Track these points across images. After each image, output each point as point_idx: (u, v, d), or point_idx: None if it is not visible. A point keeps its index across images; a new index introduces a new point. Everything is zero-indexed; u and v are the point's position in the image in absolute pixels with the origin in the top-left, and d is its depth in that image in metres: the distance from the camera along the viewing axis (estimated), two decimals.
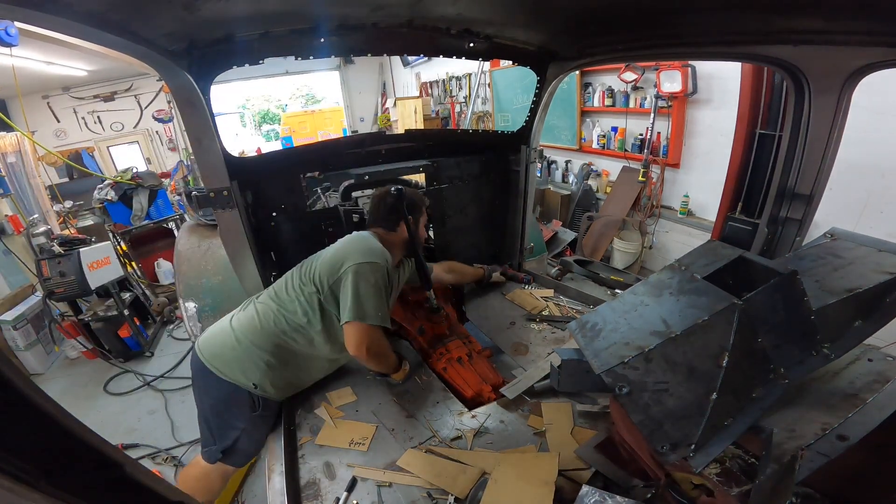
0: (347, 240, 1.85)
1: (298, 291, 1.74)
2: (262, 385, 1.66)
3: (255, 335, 1.68)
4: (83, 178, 6.80)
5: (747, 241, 2.05)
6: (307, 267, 1.80)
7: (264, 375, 1.66)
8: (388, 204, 1.92)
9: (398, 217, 1.92)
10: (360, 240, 1.82)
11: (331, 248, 1.82)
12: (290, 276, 1.82)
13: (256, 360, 1.66)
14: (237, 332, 1.70)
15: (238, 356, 1.66)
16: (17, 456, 0.39)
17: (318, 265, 1.76)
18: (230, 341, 1.68)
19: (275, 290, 1.81)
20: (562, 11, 1.87)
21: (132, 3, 1.28)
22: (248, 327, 1.71)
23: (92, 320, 3.83)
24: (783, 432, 0.94)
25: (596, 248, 4.75)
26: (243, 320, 1.74)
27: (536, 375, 1.78)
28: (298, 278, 1.78)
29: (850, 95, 1.52)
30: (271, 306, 1.74)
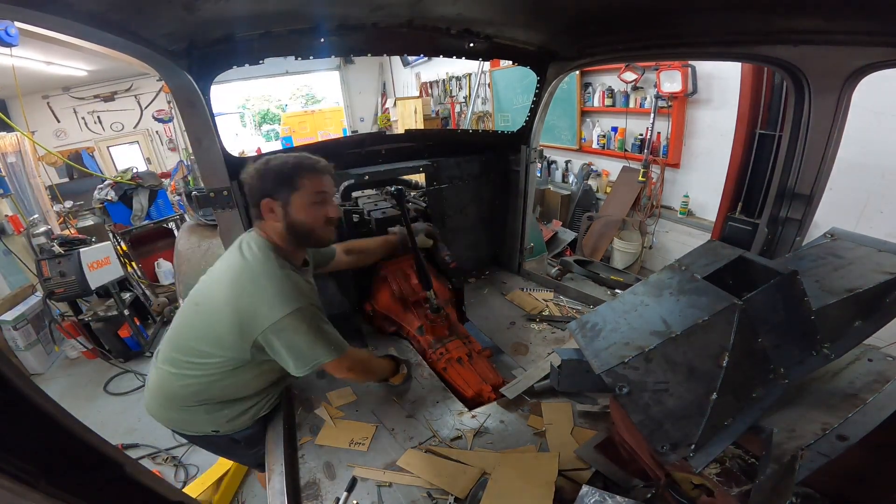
0: (232, 279, 1.36)
1: (192, 359, 1.42)
2: (223, 428, 1.53)
3: (173, 401, 1.49)
4: (83, 178, 6.80)
5: (747, 241, 2.05)
6: (189, 327, 1.44)
7: (216, 420, 1.51)
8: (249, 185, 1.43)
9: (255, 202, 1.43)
10: (250, 275, 1.34)
11: (217, 300, 1.36)
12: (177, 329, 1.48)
13: (195, 415, 1.49)
14: (160, 399, 1.52)
15: (181, 416, 1.51)
16: (17, 456, 0.39)
17: (209, 328, 1.37)
18: (164, 403, 1.52)
19: (167, 351, 1.48)
20: (562, 11, 1.87)
21: (132, 3, 1.28)
22: (163, 396, 1.51)
23: (92, 320, 3.83)
24: (783, 432, 0.94)
25: (596, 248, 4.75)
26: (152, 387, 1.53)
27: (536, 375, 1.78)
28: (186, 341, 1.44)
29: (850, 95, 1.52)
30: (170, 371, 1.46)
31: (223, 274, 1.40)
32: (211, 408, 1.49)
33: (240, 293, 1.32)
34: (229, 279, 1.36)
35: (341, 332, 1.56)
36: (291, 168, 1.41)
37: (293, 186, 1.40)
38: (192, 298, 1.45)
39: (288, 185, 1.40)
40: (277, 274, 1.35)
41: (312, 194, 1.42)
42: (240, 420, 1.56)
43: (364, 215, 2.66)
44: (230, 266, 1.40)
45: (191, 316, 1.43)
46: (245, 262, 1.37)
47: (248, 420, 1.57)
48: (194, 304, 1.43)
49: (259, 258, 1.37)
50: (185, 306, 1.47)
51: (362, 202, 2.93)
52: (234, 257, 1.40)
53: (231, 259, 1.41)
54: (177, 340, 1.45)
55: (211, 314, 1.37)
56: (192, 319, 1.43)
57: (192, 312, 1.43)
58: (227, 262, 1.43)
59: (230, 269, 1.39)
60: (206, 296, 1.41)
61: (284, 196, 1.40)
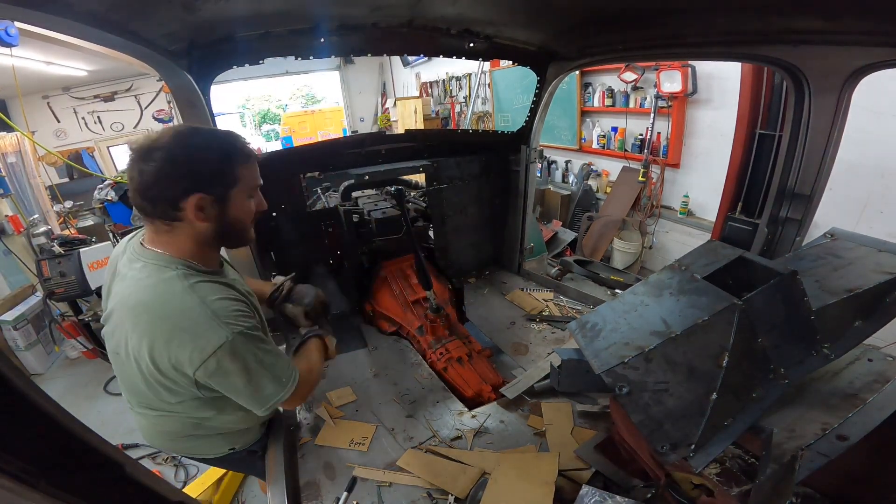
0: (135, 324, 1.03)
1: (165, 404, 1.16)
2: (238, 444, 1.41)
3: (178, 435, 1.30)
4: (83, 178, 6.80)
5: (747, 241, 2.05)
6: (129, 379, 1.13)
7: (230, 439, 1.38)
8: (157, 171, 0.99)
9: (175, 197, 1.03)
10: (155, 315, 1.03)
11: (132, 350, 1.05)
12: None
13: (206, 440, 1.34)
14: (163, 437, 1.33)
15: (193, 444, 1.34)
16: (17, 456, 0.39)
17: (148, 379, 1.08)
18: (170, 438, 1.33)
19: (133, 399, 1.24)
20: (562, 11, 1.87)
21: (132, 4, 1.28)
22: (165, 435, 1.32)
23: (92, 320, 3.82)
24: (783, 432, 0.94)
25: (596, 248, 4.75)
26: (148, 430, 1.33)
27: (536, 375, 1.78)
28: (140, 394, 1.17)
29: (850, 95, 1.52)
30: (156, 415, 1.23)
31: (124, 317, 1.07)
32: (220, 430, 1.33)
33: (147, 339, 1.02)
34: (131, 324, 1.05)
35: (341, 332, 1.40)
36: (225, 155, 1.08)
37: (232, 179, 1.09)
38: (111, 348, 1.15)
39: (224, 178, 1.08)
40: (187, 304, 1.03)
41: (250, 188, 1.14)
42: (251, 433, 1.44)
43: (364, 215, 2.66)
44: (127, 303, 1.06)
45: (122, 366, 1.13)
46: (143, 299, 1.04)
47: (258, 429, 1.47)
48: (115, 354, 1.14)
49: (160, 288, 1.04)
50: (111, 356, 1.17)
51: (362, 202, 2.93)
52: (128, 290, 1.07)
53: (126, 292, 1.08)
54: (133, 392, 1.20)
55: (136, 365, 1.07)
56: (126, 370, 1.12)
57: (120, 364, 1.13)
58: (123, 297, 1.08)
59: (129, 308, 1.06)
60: (119, 344, 1.09)
61: (220, 191, 1.07)
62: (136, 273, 1.08)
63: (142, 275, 1.07)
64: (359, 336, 2.34)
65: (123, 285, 1.09)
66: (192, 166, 1.03)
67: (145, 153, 1.00)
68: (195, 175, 1.03)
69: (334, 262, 2.54)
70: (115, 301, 1.11)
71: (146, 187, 1.01)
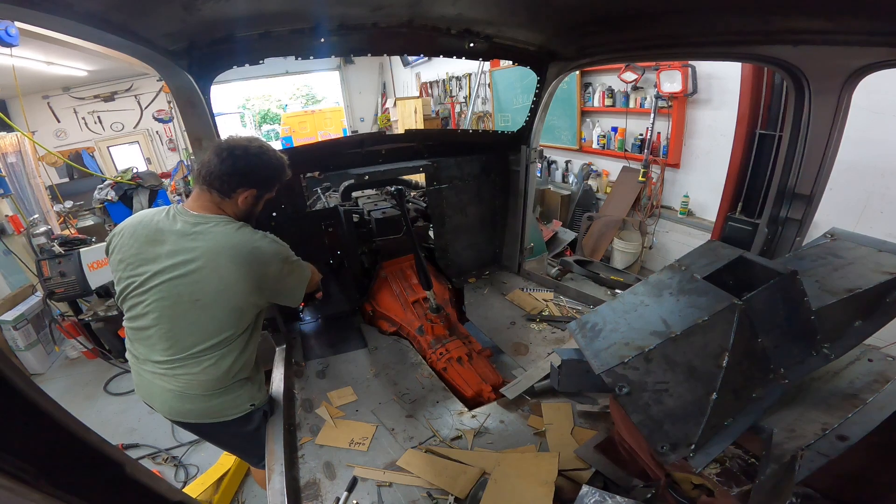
0: (232, 256, 1.38)
1: (213, 344, 1.42)
2: (257, 399, 1.59)
3: (208, 389, 1.47)
4: (83, 178, 6.80)
5: (747, 241, 2.05)
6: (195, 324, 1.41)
7: (252, 392, 1.57)
8: (234, 166, 1.41)
9: (238, 185, 1.43)
10: (247, 243, 1.41)
11: (223, 282, 1.38)
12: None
13: (234, 392, 1.52)
14: (188, 397, 1.47)
15: (220, 402, 1.50)
16: (17, 456, 0.39)
17: (224, 312, 1.41)
18: (196, 397, 1.47)
19: (173, 355, 1.43)
20: (562, 11, 1.87)
21: (132, 4, 1.28)
22: (193, 392, 1.46)
23: (92, 320, 3.83)
24: (783, 432, 0.94)
25: (596, 248, 4.75)
26: (172, 393, 1.46)
27: (536, 375, 1.78)
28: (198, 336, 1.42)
29: (850, 95, 1.52)
30: (191, 371, 1.43)
31: (212, 263, 1.37)
32: (245, 380, 1.53)
33: (243, 267, 1.38)
34: (225, 262, 1.37)
35: (342, 332, 1.57)
36: (279, 170, 1.52)
37: (270, 187, 1.53)
38: (182, 298, 1.38)
39: (268, 185, 1.52)
40: (262, 238, 1.46)
41: (271, 195, 1.57)
42: (263, 390, 1.64)
43: (364, 215, 2.67)
44: (216, 252, 1.38)
45: (193, 314, 1.39)
46: (231, 243, 1.39)
47: (264, 387, 1.66)
48: (193, 302, 1.39)
49: (239, 234, 1.42)
50: (180, 310, 1.39)
51: (362, 202, 2.94)
52: (211, 244, 1.38)
53: (210, 246, 1.38)
54: (186, 340, 1.41)
55: (220, 300, 1.39)
56: (198, 317, 1.40)
57: (196, 311, 1.39)
58: (206, 252, 1.38)
59: (218, 254, 1.38)
60: (206, 289, 1.38)
61: (261, 192, 1.51)
62: (215, 227, 1.41)
63: (222, 228, 1.41)
64: (359, 336, 2.34)
65: (203, 241, 1.39)
66: (258, 172, 1.46)
67: (233, 149, 1.42)
68: (257, 178, 1.47)
69: (334, 262, 2.54)
70: (184, 256, 1.38)
71: (226, 172, 1.41)
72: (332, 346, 2.26)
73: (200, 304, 1.39)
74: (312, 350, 2.23)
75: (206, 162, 1.42)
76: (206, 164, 1.42)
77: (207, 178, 1.42)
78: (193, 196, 1.47)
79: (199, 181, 1.45)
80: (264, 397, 1.64)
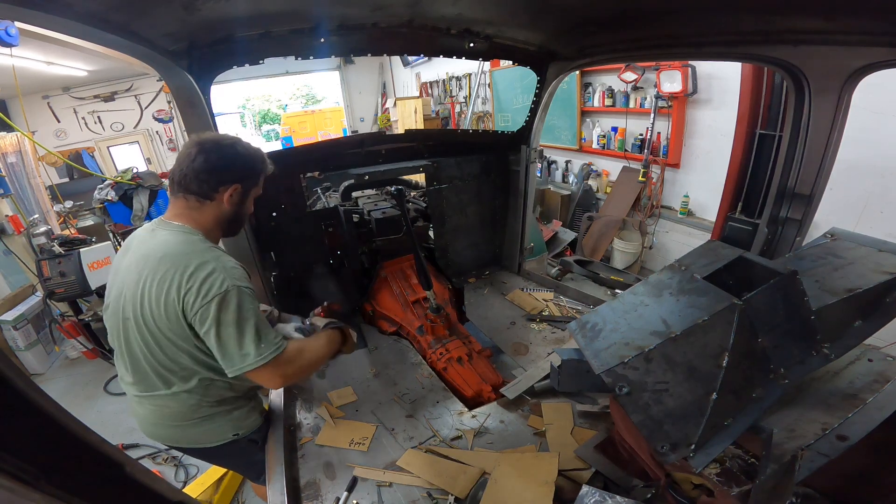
0: (157, 271, 1.20)
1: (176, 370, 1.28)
2: (243, 429, 1.46)
3: (186, 418, 1.37)
4: (83, 178, 6.80)
5: (747, 241, 2.05)
6: (140, 345, 1.26)
7: (236, 422, 1.44)
8: (208, 161, 1.27)
9: (219, 181, 1.29)
10: (180, 259, 1.20)
11: (150, 301, 1.20)
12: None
13: (214, 422, 1.40)
14: (168, 423, 1.38)
15: (201, 429, 1.40)
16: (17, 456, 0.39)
17: (161, 332, 1.22)
18: (175, 424, 1.38)
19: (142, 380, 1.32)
20: (562, 11, 1.87)
21: (132, 4, 1.28)
22: (170, 418, 1.37)
23: (92, 320, 3.82)
24: (783, 432, 0.94)
25: (596, 248, 4.75)
26: (150, 418, 1.39)
27: (536, 375, 1.78)
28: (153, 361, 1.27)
29: (850, 95, 1.52)
30: (164, 395, 1.32)
31: (148, 274, 1.21)
32: (227, 411, 1.41)
33: (169, 285, 1.18)
34: (147, 274, 1.21)
35: None
36: (259, 160, 1.38)
37: (254, 180, 1.39)
38: (127, 313, 1.25)
39: (252, 176, 1.37)
40: (210, 254, 1.23)
41: (256, 194, 1.43)
42: (252, 417, 1.50)
43: (364, 215, 2.66)
44: (153, 261, 1.22)
45: (131, 333, 1.26)
46: (167, 253, 1.21)
47: (258, 415, 1.53)
48: (124, 321, 1.26)
49: (187, 241, 1.24)
50: (118, 328, 1.29)
51: (362, 202, 2.94)
52: (154, 247, 1.24)
53: (152, 249, 1.24)
54: (139, 364, 1.29)
55: (157, 319, 1.21)
56: (136, 335, 1.25)
57: (131, 330, 1.26)
58: (147, 261, 1.23)
59: (156, 264, 1.21)
60: (133, 303, 1.23)
61: (247, 186, 1.36)
62: (163, 236, 1.26)
63: (169, 236, 1.25)
64: (359, 336, 2.34)
65: (146, 246, 1.26)
66: (240, 164, 1.33)
67: (209, 146, 1.28)
68: (239, 170, 1.33)
69: (334, 262, 2.54)
70: (131, 267, 1.26)
71: (201, 170, 1.26)
72: None
73: (140, 321, 1.23)
74: None
75: (178, 165, 1.28)
76: (178, 167, 1.28)
77: (182, 182, 1.27)
78: (169, 205, 1.34)
79: (173, 189, 1.31)
80: (253, 425, 1.50)
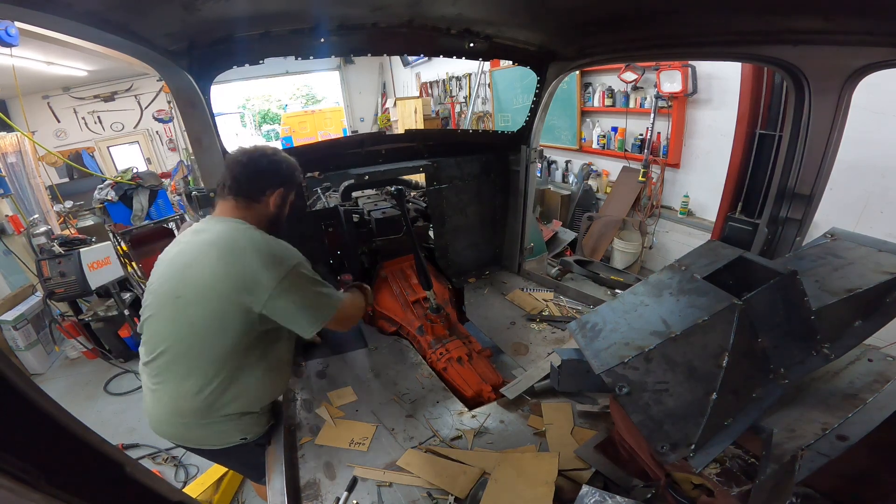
0: (220, 254, 1.30)
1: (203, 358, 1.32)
2: (251, 433, 1.48)
3: (198, 416, 1.38)
4: (83, 178, 6.80)
5: (747, 241, 2.05)
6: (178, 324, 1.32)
7: (244, 426, 1.45)
8: (257, 167, 1.45)
9: (267, 185, 1.46)
10: (239, 244, 1.32)
11: (204, 280, 1.29)
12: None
13: (224, 425, 1.41)
14: (178, 418, 1.40)
15: (209, 431, 1.41)
16: (17, 456, 0.39)
17: (205, 314, 1.29)
18: (186, 421, 1.40)
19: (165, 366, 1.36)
20: (562, 11, 1.87)
21: (132, 4, 1.28)
22: (182, 414, 1.38)
23: (92, 320, 3.83)
24: (783, 432, 0.94)
25: (596, 248, 4.75)
26: (163, 410, 1.40)
27: (536, 375, 1.78)
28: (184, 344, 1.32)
29: (850, 95, 1.52)
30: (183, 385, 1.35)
31: (202, 255, 1.32)
32: (239, 415, 1.42)
33: (233, 262, 1.29)
34: (216, 255, 1.30)
35: (341, 332, 1.56)
36: (297, 169, 1.57)
37: (293, 185, 1.56)
38: (168, 293, 1.33)
39: (291, 182, 1.55)
40: (265, 238, 1.37)
41: (293, 197, 1.60)
42: (262, 423, 1.51)
43: (364, 215, 2.66)
44: (210, 244, 1.33)
45: (175, 313, 1.32)
46: (228, 236, 1.34)
47: (267, 422, 1.54)
48: (174, 298, 1.32)
49: (241, 230, 1.37)
50: (162, 307, 1.35)
51: (362, 202, 2.93)
52: (209, 237, 1.35)
53: (207, 239, 1.35)
54: (180, 348, 1.33)
55: (202, 300, 1.29)
56: (175, 315, 1.32)
57: (175, 309, 1.32)
58: (201, 245, 1.35)
59: (211, 246, 1.32)
60: (188, 283, 1.31)
61: (287, 191, 1.53)
62: (220, 227, 1.38)
63: (227, 227, 1.38)
64: (359, 336, 2.34)
65: (202, 236, 1.37)
66: (283, 171, 1.51)
67: (259, 155, 1.48)
68: (283, 176, 1.50)
69: (334, 262, 2.54)
70: (185, 252, 1.37)
71: (253, 175, 1.45)
72: (331, 346, 2.26)
73: (182, 300, 1.31)
74: (312, 350, 2.23)
75: (229, 171, 1.45)
76: (229, 172, 1.44)
77: (234, 187, 1.44)
78: (218, 207, 1.48)
79: (223, 193, 1.44)
80: (261, 430, 1.51)
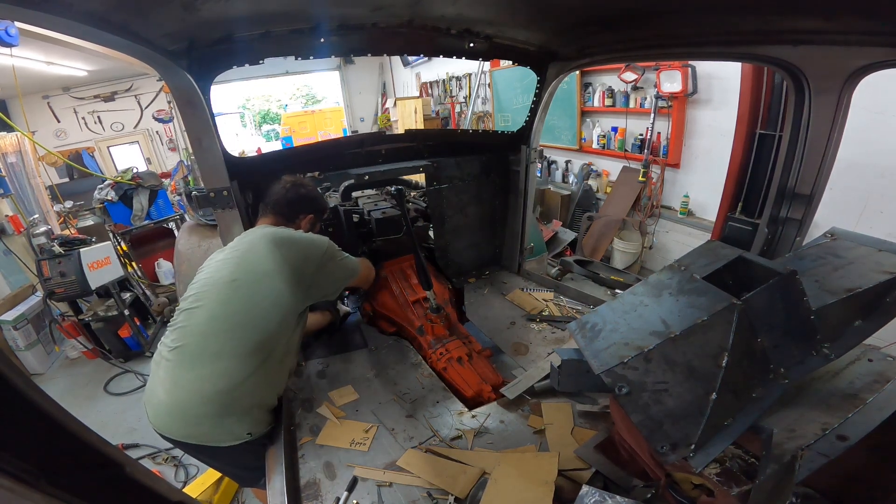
0: (271, 245, 1.59)
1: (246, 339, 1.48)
2: (255, 430, 1.53)
3: (210, 407, 1.45)
4: (83, 178, 6.80)
5: (747, 241, 2.05)
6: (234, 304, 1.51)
7: (251, 422, 1.52)
8: (297, 193, 1.84)
9: (301, 210, 1.85)
10: (287, 234, 1.68)
11: (262, 264, 1.56)
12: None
13: (232, 420, 1.48)
14: (187, 409, 1.46)
15: (217, 426, 1.47)
16: (17, 456, 0.39)
17: (261, 292, 1.52)
18: (196, 412, 1.45)
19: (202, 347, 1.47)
20: (562, 11, 1.87)
21: (132, 4, 1.28)
22: (194, 404, 1.45)
23: (92, 320, 3.84)
24: (783, 432, 0.94)
25: (596, 248, 4.76)
26: (177, 399, 1.46)
27: (536, 375, 1.78)
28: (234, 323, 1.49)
29: (850, 95, 1.52)
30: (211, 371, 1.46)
31: (256, 244, 1.61)
32: (249, 408, 1.50)
33: (286, 248, 1.61)
34: (269, 243, 1.60)
35: (342, 332, 1.80)
36: (325, 200, 2.03)
37: (322, 214, 1.99)
38: (222, 280, 1.54)
39: (322, 211, 1.98)
40: (300, 231, 1.78)
41: (319, 225, 2.00)
42: (267, 419, 1.59)
43: (364, 215, 2.66)
44: (261, 237, 1.63)
45: (230, 294, 1.52)
46: (276, 231, 1.68)
47: (271, 417, 1.61)
48: (230, 282, 1.53)
49: (283, 228, 1.74)
50: (214, 292, 1.53)
51: (362, 202, 2.93)
52: (259, 233, 1.66)
53: (258, 234, 1.66)
54: (228, 326, 1.48)
55: (258, 285, 1.54)
56: (227, 297, 1.52)
57: (230, 291, 1.52)
58: (252, 240, 1.64)
59: (262, 238, 1.62)
60: (244, 269, 1.56)
61: (317, 218, 1.94)
62: (267, 229, 1.69)
63: (272, 228, 1.71)
64: (359, 336, 2.34)
65: (250, 236, 1.66)
66: (315, 198, 1.94)
67: (298, 184, 1.87)
68: (315, 204, 1.93)
69: None
70: (237, 247, 1.64)
71: (292, 200, 1.83)
72: (331, 346, 2.27)
73: (237, 283, 1.53)
74: (312, 350, 2.23)
75: (274, 194, 1.82)
76: (274, 195, 1.82)
77: (275, 205, 1.81)
78: (260, 218, 1.84)
79: (265, 210, 1.82)
80: (264, 429, 1.57)
